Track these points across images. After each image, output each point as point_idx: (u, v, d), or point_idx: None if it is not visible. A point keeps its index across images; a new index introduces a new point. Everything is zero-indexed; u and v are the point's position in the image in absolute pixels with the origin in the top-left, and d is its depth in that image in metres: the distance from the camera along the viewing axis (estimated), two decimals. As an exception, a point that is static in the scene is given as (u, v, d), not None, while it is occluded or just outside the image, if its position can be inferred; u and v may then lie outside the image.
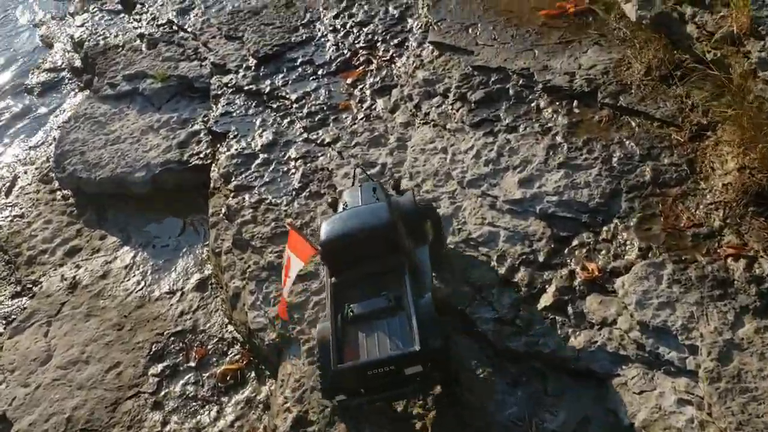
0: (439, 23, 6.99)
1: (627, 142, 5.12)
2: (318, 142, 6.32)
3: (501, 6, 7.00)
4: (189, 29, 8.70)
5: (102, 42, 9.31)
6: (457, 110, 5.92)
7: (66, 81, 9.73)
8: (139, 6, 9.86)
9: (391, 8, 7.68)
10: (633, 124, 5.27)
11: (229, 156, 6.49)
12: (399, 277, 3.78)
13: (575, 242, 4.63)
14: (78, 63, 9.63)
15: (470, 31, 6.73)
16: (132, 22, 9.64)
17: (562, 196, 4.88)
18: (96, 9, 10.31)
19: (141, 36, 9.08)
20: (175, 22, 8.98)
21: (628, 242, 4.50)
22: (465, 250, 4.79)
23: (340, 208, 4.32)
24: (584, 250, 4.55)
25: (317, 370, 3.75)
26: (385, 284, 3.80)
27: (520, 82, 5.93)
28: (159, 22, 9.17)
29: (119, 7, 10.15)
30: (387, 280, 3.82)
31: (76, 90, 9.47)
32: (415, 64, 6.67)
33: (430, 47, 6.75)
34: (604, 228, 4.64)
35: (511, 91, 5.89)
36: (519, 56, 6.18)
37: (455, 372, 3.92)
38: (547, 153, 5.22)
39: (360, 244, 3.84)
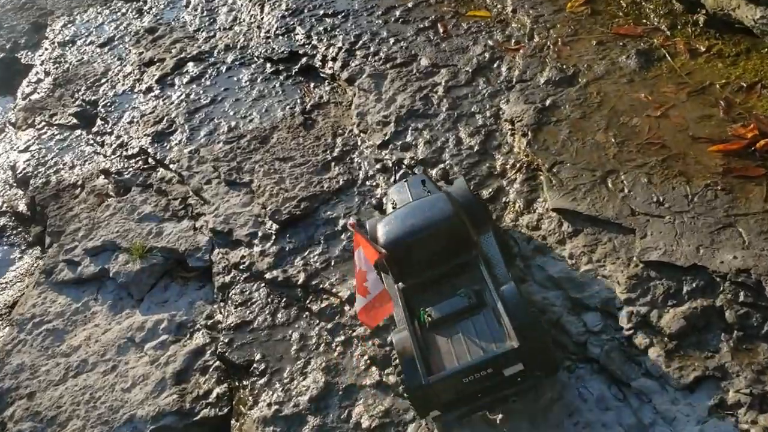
0: (555, 169, 4.63)
1: None
2: (401, 388, 3.93)
3: (642, 135, 4.66)
4: (172, 166, 6.26)
5: (54, 178, 6.87)
6: (644, 349, 3.55)
7: (8, 232, 7.21)
8: (100, 122, 7.39)
9: (463, 135, 5.33)
10: None
11: (258, 420, 4.07)
12: (473, 271, 3.46)
13: None
14: (23, 207, 7.12)
15: (611, 184, 4.39)
16: (92, 146, 7.19)
17: None
18: (43, 123, 7.82)
19: (106, 172, 6.63)
20: (151, 153, 6.53)
21: None
22: None
23: (389, 208, 3.97)
24: None
25: (404, 387, 3.45)
26: (461, 280, 3.46)
27: (740, 296, 3.59)
28: (129, 152, 6.73)
29: (74, 121, 7.67)
30: (460, 277, 3.48)
31: (23, 247, 6.96)
32: (533, 244, 4.30)
33: (556, 217, 4.38)
34: None
35: (728, 316, 3.54)
36: (718, 240, 3.85)
37: (554, 362, 3.38)
38: None
39: (426, 240, 3.50)
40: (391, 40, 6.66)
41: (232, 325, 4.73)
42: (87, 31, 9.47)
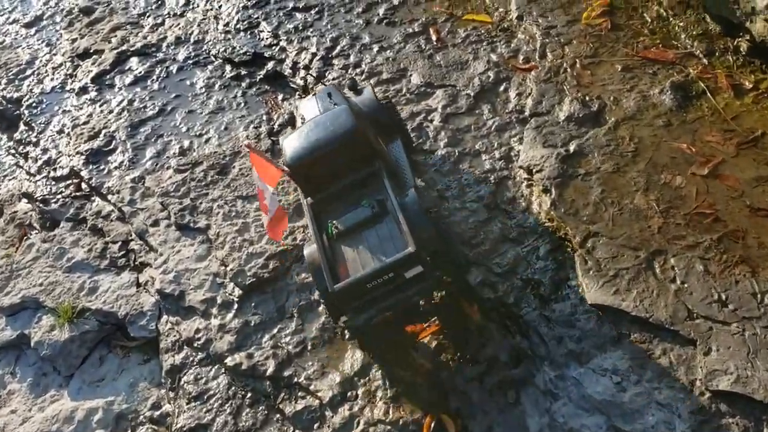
0: (588, 243, 3.77)
1: None
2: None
3: (689, 201, 3.84)
4: (111, 197, 5.19)
5: (-36, 198, 5.68)
6: None
7: None
8: (23, 128, 6.19)
9: (467, 181, 4.44)
10: None
11: None
12: (378, 182, 3.54)
13: None
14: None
15: (659, 271, 3.57)
16: (14, 156, 6.01)
17: None
18: (-45, 121, 6.57)
19: (29, 197, 5.49)
20: (85, 176, 5.42)
21: None
22: None
23: (299, 122, 3.94)
24: None
25: (319, 296, 3.70)
26: (365, 191, 3.55)
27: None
28: (58, 172, 5.61)
29: (-8, 122, 6.44)
30: (366, 187, 3.57)
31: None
32: (565, 347, 3.46)
33: (594, 313, 3.53)
34: None
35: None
36: (803, 364, 3.06)
37: (460, 260, 3.69)
38: None
39: (329, 155, 3.53)
40: (375, 48, 5.64)
41: (184, 429, 3.78)
42: (10, 5, 8.10)
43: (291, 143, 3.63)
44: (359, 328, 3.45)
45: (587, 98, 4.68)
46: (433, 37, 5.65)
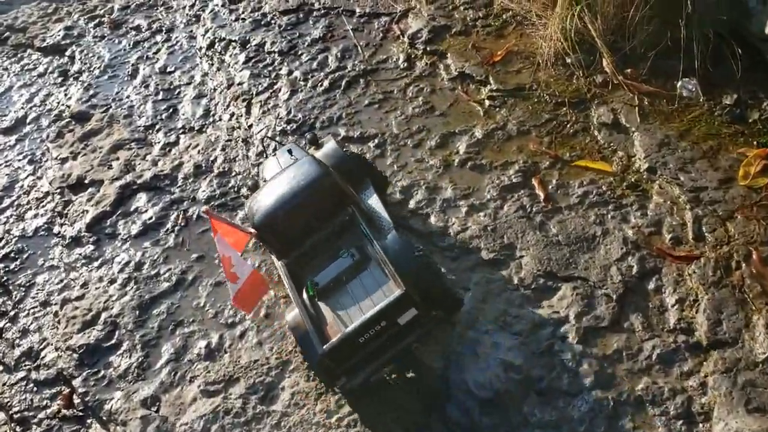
0: None
1: None
2: None
3: None
4: (114, 428, 3.76)
5: None
6: None
7: None
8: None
9: None
10: None
11: None
12: (354, 228, 3.32)
13: None
14: None
15: None
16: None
17: None
18: None
19: (3, 408, 4.06)
20: (77, 387, 4.04)
21: None
22: None
23: (261, 185, 3.71)
24: None
25: (306, 362, 3.29)
26: (343, 241, 3.32)
27: None
28: (40, 373, 4.32)
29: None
30: (343, 237, 3.34)
31: None
32: None
33: None
34: None
35: None
36: None
37: (454, 297, 3.36)
38: None
39: (298, 208, 3.31)
40: (462, 207, 4.30)
41: None
42: (-12, 101, 6.70)
43: (257, 203, 3.40)
44: (357, 390, 3.16)
45: (787, 320, 3.33)
46: (540, 194, 4.32)
